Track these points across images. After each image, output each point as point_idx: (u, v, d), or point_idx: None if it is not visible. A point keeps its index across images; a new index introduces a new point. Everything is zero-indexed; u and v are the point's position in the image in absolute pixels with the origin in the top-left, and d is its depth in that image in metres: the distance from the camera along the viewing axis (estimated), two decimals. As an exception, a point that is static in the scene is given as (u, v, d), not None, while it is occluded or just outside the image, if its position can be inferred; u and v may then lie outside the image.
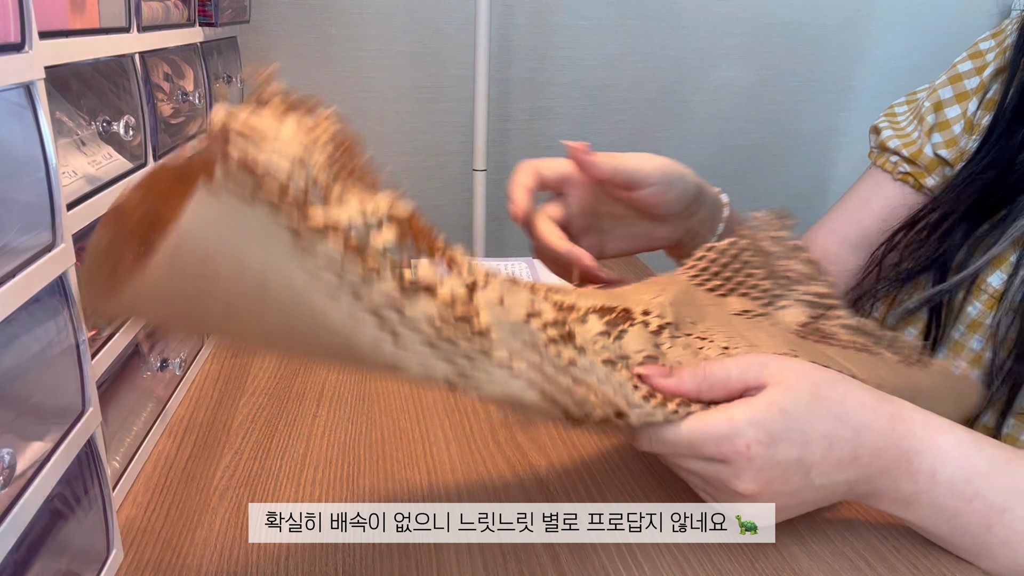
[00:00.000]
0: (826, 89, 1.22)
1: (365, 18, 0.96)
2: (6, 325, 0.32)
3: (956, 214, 0.59)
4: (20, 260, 0.33)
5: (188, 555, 0.44)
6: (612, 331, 0.40)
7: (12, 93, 0.33)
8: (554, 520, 0.48)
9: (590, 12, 1.05)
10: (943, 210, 0.60)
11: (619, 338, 0.40)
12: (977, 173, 0.59)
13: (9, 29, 0.32)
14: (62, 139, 0.42)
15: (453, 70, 1.01)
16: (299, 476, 0.51)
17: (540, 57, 1.05)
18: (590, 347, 0.38)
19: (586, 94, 1.09)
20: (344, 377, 0.65)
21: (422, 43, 0.99)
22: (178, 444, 0.55)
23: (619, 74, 1.10)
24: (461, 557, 0.44)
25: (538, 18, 1.03)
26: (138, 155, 0.52)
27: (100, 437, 0.41)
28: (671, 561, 0.44)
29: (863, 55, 1.22)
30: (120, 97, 0.49)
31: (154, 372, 0.54)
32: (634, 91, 1.12)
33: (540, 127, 1.09)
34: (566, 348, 0.36)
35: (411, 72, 1.00)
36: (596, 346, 0.38)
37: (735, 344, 0.44)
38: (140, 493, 0.50)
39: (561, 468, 0.53)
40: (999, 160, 0.58)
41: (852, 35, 1.20)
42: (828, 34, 1.18)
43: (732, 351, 0.44)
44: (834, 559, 0.45)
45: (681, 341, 0.43)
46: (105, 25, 0.47)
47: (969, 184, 0.59)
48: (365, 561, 0.44)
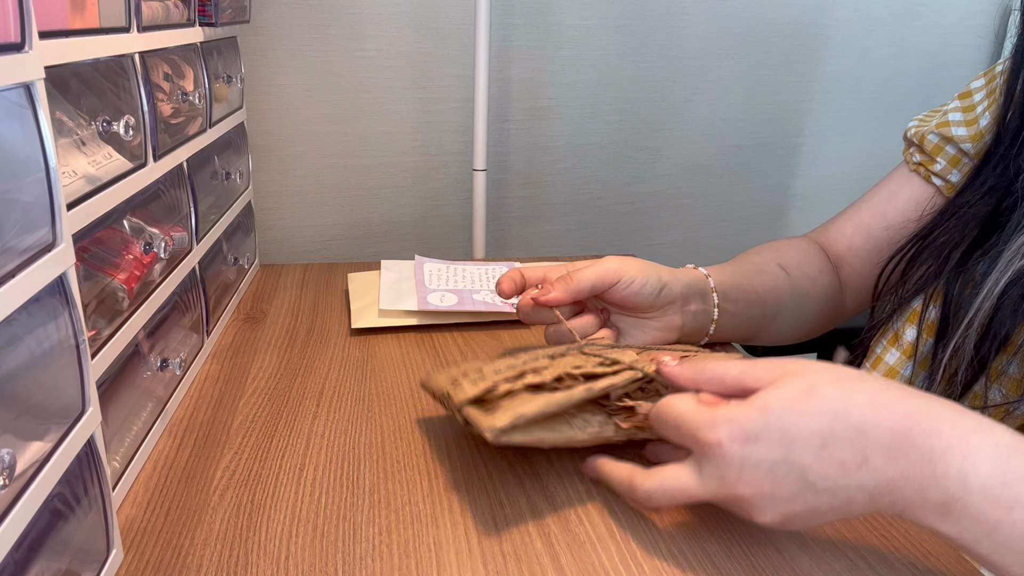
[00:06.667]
0: (826, 89, 1.22)
1: (365, 18, 0.96)
2: (6, 325, 0.32)
3: (959, 247, 0.56)
4: (20, 260, 0.33)
5: (188, 555, 0.44)
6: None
7: (12, 93, 0.33)
8: (554, 520, 0.48)
9: (590, 12, 1.05)
10: (945, 237, 0.58)
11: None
12: (977, 200, 0.56)
13: (9, 29, 0.32)
14: (62, 139, 0.42)
15: (453, 70, 1.01)
16: (299, 476, 0.51)
17: (540, 57, 1.05)
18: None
19: (586, 94, 1.09)
20: (344, 377, 0.65)
21: (422, 43, 0.99)
22: (178, 444, 0.55)
23: (619, 74, 1.10)
24: (461, 557, 0.44)
25: (538, 18, 1.03)
26: (138, 155, 0.52)
27: (100, 437, 0.41)
28: (671, 561, 0.44)
29: (863, 55, 1.22)
30: (120, 97, 0.49)
31: (154, 372, 0.54)
32: (634, 91, 1.11)
33: (540, 127, 1.09)
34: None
35: (411, 72, 1.00)
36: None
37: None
38: (140, 493, 0.50)
39: (561, 468, 0.53)
40: (998, 187, 0.55)
41: (852, 35, 1.20)
42: (828, 34, 1.18)
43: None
44: (834, 559, 0.45)
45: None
46: (105, 25, 0.47)
47: (967, 213, 0.57)
48: (365, 561, 0.44)
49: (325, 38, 0.96)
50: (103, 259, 0.47)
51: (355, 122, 1.00)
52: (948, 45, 1.26)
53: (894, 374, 0.59)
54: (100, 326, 0.45)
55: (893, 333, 0.60)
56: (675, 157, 1.18)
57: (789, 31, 1.16)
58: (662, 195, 1.20)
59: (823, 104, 1.23)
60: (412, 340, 0.73)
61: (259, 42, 0.93)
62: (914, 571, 0.44)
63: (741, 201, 1.25)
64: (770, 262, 0.70)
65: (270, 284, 0.87)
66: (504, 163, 1.09)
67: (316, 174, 1.01)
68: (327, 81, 0.98)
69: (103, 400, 0.44)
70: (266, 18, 0.93)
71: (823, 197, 1.29)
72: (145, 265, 0.52)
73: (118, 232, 0.49)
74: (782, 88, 1.20)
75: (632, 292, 0.59)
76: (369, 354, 0.70)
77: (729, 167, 1.22)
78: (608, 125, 1.12)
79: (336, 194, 1.03)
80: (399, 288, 0.79)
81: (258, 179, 0.98)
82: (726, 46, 1.14)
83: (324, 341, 0.72)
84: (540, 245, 1.15)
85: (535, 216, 1.14)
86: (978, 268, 0.53)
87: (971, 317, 0.51)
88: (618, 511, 0.49)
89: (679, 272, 0.62)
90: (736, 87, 1.17)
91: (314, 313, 0.79)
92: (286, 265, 0.94)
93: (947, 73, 1.28)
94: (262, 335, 0.73)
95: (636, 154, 1.15)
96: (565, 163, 1.12)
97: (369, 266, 0.91)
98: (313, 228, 1.04)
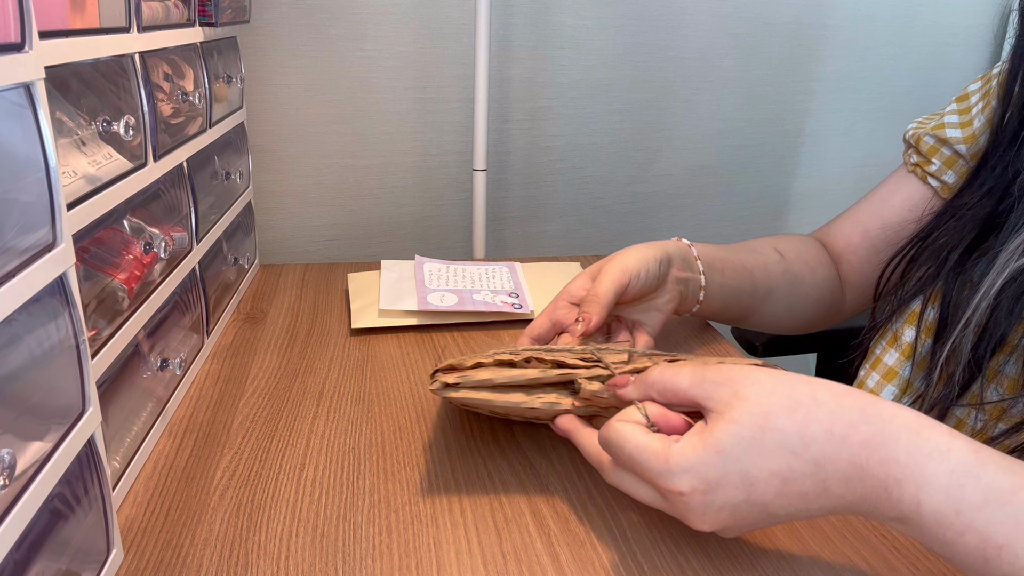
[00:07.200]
0: (826, 89, 1.22)
1: (365, 18, 0.96)
2: (6, 325, 0.32)
3: (957, 248, 0.56)
4: (20, 260, 0.33)
5: (188, 555, 0.44)
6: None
7: (12, 93, 0.33)
8: (554, 520, 0.48)
9: (590, 12, 1.05)
10: (944, 239, 0.58)
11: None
12: (976, 202, 0.56)
13: (9, 29, 0.32)
14: (62, 139, 0.42)
15: (453, 70, 1.01)
16: (299, 476, 0.51)
17: (540, 57, 1.05)
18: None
19: (586, 94, 1.09)
20: (344, 377, 0.65)
21: (422, 43, 0.99)
22: (178, 444, 0.55)
23: (619, 74, 1.10)
24: (461, 557, 0.44)
25: (538, 18, 1.03)
26: (138, 155, 0.52)
27: (100, 437, 0.41)
28: (671, 561, 0.44)
29: (863, 55, 1.22)
30: (120, 97, 0.49)
31: (154, 372, 0.54)
32: (634, 91, 1.11)
33: (540, 127, 1.09)
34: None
35: (411, 72, 1.00)
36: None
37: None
38: (140, 493, 0.50)
39: (561, 468, 0.53)
40: (996, 188, 0.55)
41: (852, 35, 1.20)
42: (828, 34, 1.18)
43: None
44: (834, 559, 0.45)
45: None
46: (105, 25, 0.47)
47: (965, 215, 0.56)
48: (365, 561, 0.44)
49: (325, 38, 0.96)
50: (103, 259, 0.47)
51: (355, 122, 1.00)
52: (948, 46, 1.26)
53: (893, 375, 0.59)
54: (100, 326, 0.45)
55: (892, 334, 0.60)
56: (675, 157, 1.18)
57: (789, 31, 1.16)
58: (662, 195, 1.20)
59: (823, 104, 1.23)
60: (412, 340, 0.73)
61: (259, 42, 0.93)
62: (914, 571, 0.44)
63: (741, 201, 1.25)
64: (765, 245, 0.73)
65: (270, 284, 0.87)
66: (504, 163, 1.09)
67: (316, 174, 1.01)
68: (327, 81, 0.98)
69: (103, 400, 0.44)
70: (266, 18, 0.93)
71: (823, 197, 1.29)
72: (145, 265, 0.52)
73: (118, 232, 0.49)
74: (782, 88, 1.19)
75: (642, 283, 0.61)
76: (369, 354, 0.70)
77: (729, 167, 1.22)
78: (608, 125, 1.12)
79: (336, 194, 1.03)
80: (399, 288, 0.79)
81: (258, 179, 0.98)
82: (726, 46, 1.14)
83: (324, 341, 0.72)
84: (540, 245, 1.15)
85: (535, 216, 1.14)
86: (976, 269, 0.53)
87: (968, 317, 0.51)
88: (618, 511, 0.49)
89: (661, 243, 0.64)
90: (736, 87, 1.17)
91: (314, 313, 0.79)
92: (286, 265, 0.94)
93: (947, 74, 1.28)
94: (262, 335, 0.73)
95: (636, 154, 1.15)
96: (565, 163, 1.12)
97: (369, 266, 0.91)
98: (313, 228, 1.04)
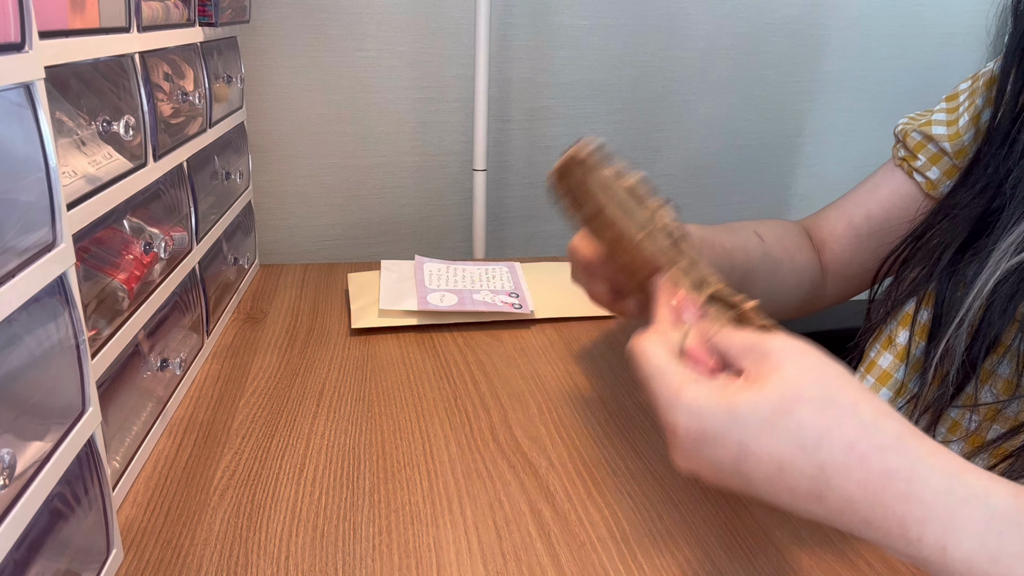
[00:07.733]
0: (826, 89, 1.22)
1: (365, 18, 0.96)
2: (6, 325, 0.32)
3: (950, 248, 0.55)
4: (20, 260, 0.33)
5: (188, 555, 0.44)
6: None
7: (12, 93, 0.33)
8: (554, 520, 0.48)
9: (590, 12, 1.05)
10: (937, 239, 0.57)
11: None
12: (969, 201, 0.56)
13: (9, 29, 0.32)
14: (62, 139, 0.42)
15: (453, 70, 1.01)
16: (299, 476, 0.51)
17: (540, 57, 1.05)
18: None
19: (586, 94, 1.09)
20: (344, 377, 0.65)
21: (422, 43, 0.99)
22: (178, 444, 0.55)
23: (619, 74, 1.10)
24: (461, 557, 0.44)
25: (538, 18, 1.03)
26: (138, 155, 0.52)
27: (100, 437, 0.41)
28: (671, 561, 0.44)
29: (863, 55, 1.22)
30: (120, 97, 0.49)
31: (154, 372, 0.54)
32: (634, 91, 1.11)
33: (540, 127, 1.09)
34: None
35: (411, 72, 1.00)
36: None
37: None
38: (140, 493, 0.50)
39: (561, 468, 0.53)
40: (989, 187, 0.55)
41: (852, 35, 1.20)
42: (828, 34, 1.18)
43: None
44: (834, 559, 0.45)
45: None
46: (105, 25, 0.47)
47: (958, 214, 0.56)
48: (365, 561, 0.44)
49: (325, 38, 0.96)
50: (103, 259, 0.47)
51: (355, 122, 1.00)
52: (947, 46, 1.26)
53: (887, 378, 0.59)
54: (100, 326, 0.45)
55: (886, 336, 0.60)
56: (675, 157, 1.18)
57: (789, 31, 1.16)
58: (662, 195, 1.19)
59: (823, 104, 1.23)
60: (412, 340, 0.73)
61: (259, 42, 0.93)
62: (914, 571, 0.44)
63: (741, 201, 1.25)
64: (744, 227, 0.71)
65: (270, 284, 0.87)
66: (504, 163, 1.09)
67: (316, 174, 1.01)
68: (327, 81, 0.98)
69: (103, 400, 0.44)
70: (266, 18, 0.93)
71: (823, 197, 1.29)
72: (145, 265, 0.52)
73: (118, 232, 0.49)
74: (782, 88, 1.19)
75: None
76: (369, 354, 0.70)
77: (729, 167, 1.22)
78: (608, 125, 1.12)
79: (336, 194, 1.03)
80: (399, 288, 0.79)
81: (258, 179, 0.98)
82: (726, 46, 1.14)
83: (324, 341, 0.72)
84: (540, 245, 1.15)
85: (535, 216, 1.14)
86: (969, 269, 0.53)
87: (961, 317, 0.51)
88: (618, 511, 0.49)
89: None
90: (736, 87, 1.17)
91: (314, 313, 0.79)
92: (286, 265, 0.94)
93: (946, 73, 1.28)
94: (262, 335, 0.73)
95: (636, 154, 1.15)
96: (565, 163, 1.12)
97: (369, 266, 0.91)
98: (313, 228, 1.04)
